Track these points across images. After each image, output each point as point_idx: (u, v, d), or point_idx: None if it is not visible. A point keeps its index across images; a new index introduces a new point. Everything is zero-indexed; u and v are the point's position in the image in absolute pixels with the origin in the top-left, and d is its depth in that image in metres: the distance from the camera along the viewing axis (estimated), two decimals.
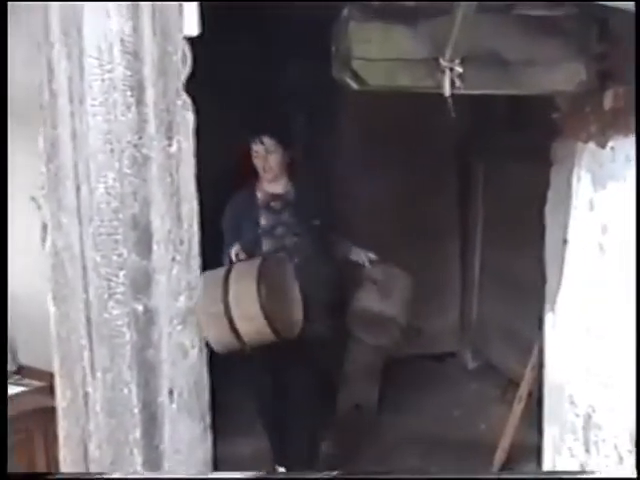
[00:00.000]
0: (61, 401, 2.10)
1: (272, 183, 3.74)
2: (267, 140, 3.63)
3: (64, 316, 2.04)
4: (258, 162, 3.70)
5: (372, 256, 3.90)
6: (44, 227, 2.06)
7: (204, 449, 2.17)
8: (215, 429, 2.18)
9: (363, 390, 4.27)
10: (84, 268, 1.99)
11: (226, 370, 2.91)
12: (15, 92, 3.16)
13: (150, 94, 1.99)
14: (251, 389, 3.72)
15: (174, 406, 2.08)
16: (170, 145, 2.00)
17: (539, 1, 2.25)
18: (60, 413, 2.11)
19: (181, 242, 2.03)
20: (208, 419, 2.16)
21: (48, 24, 2.02)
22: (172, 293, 2.03)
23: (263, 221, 3.85)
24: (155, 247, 2.00)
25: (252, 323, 2.57)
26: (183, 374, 2.08)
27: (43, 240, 2.07)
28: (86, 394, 2.05)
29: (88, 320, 2.00)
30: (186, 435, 2.12)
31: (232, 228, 3.87)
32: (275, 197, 3.87)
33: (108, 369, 2.01)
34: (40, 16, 2.04)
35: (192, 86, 2.04)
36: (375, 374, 4.36)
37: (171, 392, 2.07)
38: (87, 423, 2.06)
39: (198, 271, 2.07)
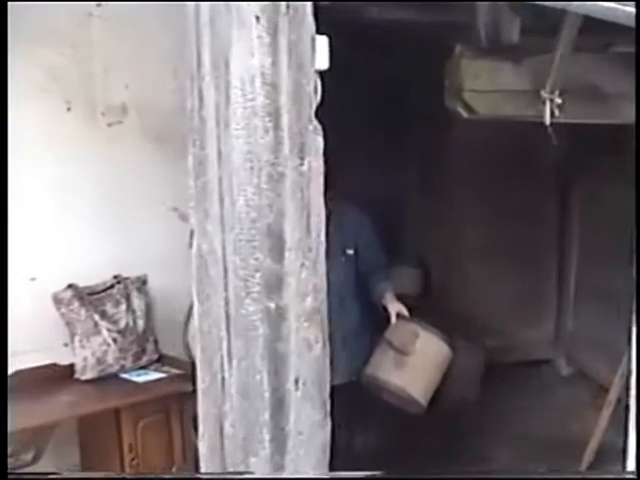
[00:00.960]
0: (201, 384, 2.39)
1: None
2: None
3: (206, 311, 2.34)
4: None
5: (404, 311, 3.65)
6: (191, 234, 2.37)
7: (323, 434, 2.43)
8: (334, 417, 2.45)
9: (464, 392, 4.47)
10: (225, 270, 2.27)
11: None
12: (165, 117, 3.55)
13: (285, 120, 2.26)
14: None
15: (299, 393, 2.33)
16: (302, 164, 2.28)
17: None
18: (200, 395, 2.41)
19: (309, 249, 2.30)
20: (327, 407, 2.42)
21: (200, 59, 2.33)
22: (300, 294, 2.29)
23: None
24: (286, 253, 2.26)
25: None
26: (307, 365, 2.34)
27: (190, 245, 2.38)
28: (223, 379, 2.33)
29: (227, 315, 2.29)
30: (308, 420, 2.37)
31: None
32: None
33: (243, 358, 2.29)
34: (194, 52, 2.36)
35: (321, 113, 2.33)
36: (475, 378, 4.56)
37: (296, 381, 2.32)
38: (223, 404, 2.34)
39: (323, 275, 2.34)
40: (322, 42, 2.34)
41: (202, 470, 2.48)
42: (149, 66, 3.88)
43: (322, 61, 2.35)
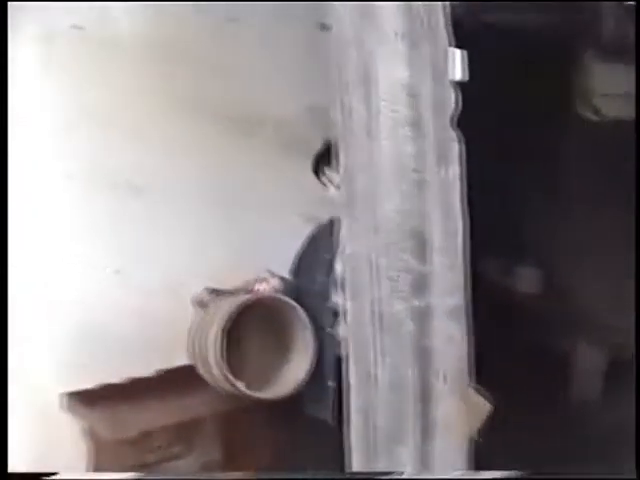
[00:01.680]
0: (353, 379, 2.57)
1: None
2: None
3: (357, 309, 2.51)
4: None
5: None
6: (340, 238, 2.54)
7: None
8: None
9: (586, 391, 4.52)
10: (374, 271, 2.44)
11: None
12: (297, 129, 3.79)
13: (428, 129, 2.42)
14: None
15: (445, 387, 2.49)
16: (444, 171, 2.43)
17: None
18: (352, 389, 2.58)
19: (453, 251, 2.45)
20: None
21: (346, 74, 2.50)
22: (444, 293, 2.45)
23: (338, 267, 3.37)
24: (432, 255, 2.42)
25: None
26: (451, 360, 2.50)
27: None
28: (374, 374, 2.51)
29: (377, 314, 2.46)
30: (453, 411, 2.53)
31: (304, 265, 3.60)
32: None
33: (392, 354, 2.46)
34: (339, 67, 2.52)
35: (461, 122, 2.47)
36: (598, 376, 4.61)
37: (441, 375, 2.48)
38: (374, 397, 2.51)
39: (467, 275, 2.47)
40: (461, 55, 2.49)
41: (353, 462, 2.63)
42: (283, 78, 4.10)
43: (460, 73, 2.49)
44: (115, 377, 3.80)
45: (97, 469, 3.73)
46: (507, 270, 5.69)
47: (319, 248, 3.47)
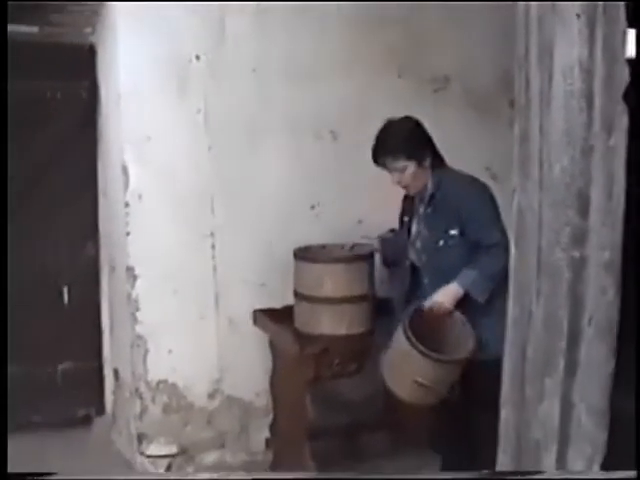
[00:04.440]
0: (511, 315, 2.92)
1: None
2: (392, 162, 3.54)
3: (522, 256, 2.87)
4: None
5: (441, 306, 3.52)
6: (513, 191, 2.91)
7: (608, 366, 2.83)
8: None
9: None
10: (540, 223, 2.79)
11: None
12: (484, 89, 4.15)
13: (597, 102, 2.72)
14: None
15: (591, 330, 2.79)
16: (609, 140, 2.73)
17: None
18: (509, 323, 2.94)
19: (610, 211, 2.74)
20: (614, 344, 2.84)
21: (528, 48, 2.83)
22: (600, 246, 2.75)
23: (413, 228, 3.71)
24: (592, 213, 2.73)
25: None
26: (601, 307, 2.77)
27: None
28: (530, 312, 2.86)
29: (539, 260, 2.81)
30: (596, 353, 2.80)
31: (401, 222, 3.83)
32: (422, 201, 3.66)
33: (549, 296, 2.80)
34: (522, 42, 2.86)
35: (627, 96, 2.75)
36: None
37: (590, 319, 2.78)
38: (528, 331, 2.88)
39: (620, 232, 2.76)
40: (631, 34, 2.76)
41: (502, 389, 2.99)
42: (471, 46, 4.47)
43: (630, 50, 2.76)
44: None
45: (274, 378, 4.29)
46: None
47: (404, 210, 3.80)
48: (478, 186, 3.59)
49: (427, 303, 3.51)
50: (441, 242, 3.54)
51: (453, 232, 3.50)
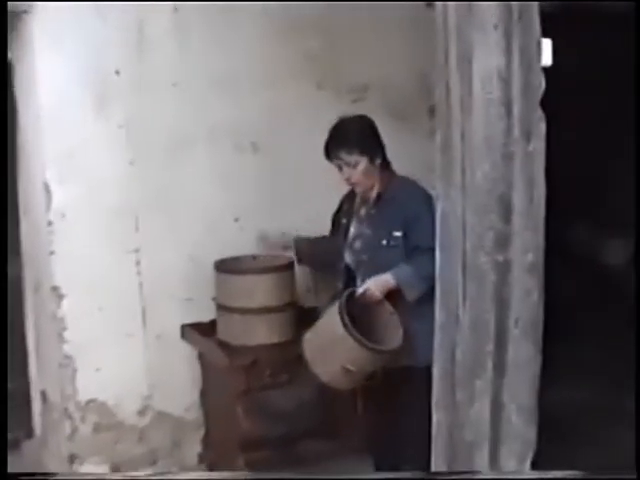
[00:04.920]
0: (438, 320, 2.97)
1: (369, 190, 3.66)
2: (345, 156, 3.55)
3: (446, 263, 2.92)
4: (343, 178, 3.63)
5: (373, 295, 3.53)
6: (436, 198, 2.96)
7: (535, 366, 2.92)
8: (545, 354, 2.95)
9: None
10: (463, 227, 2.84)
11: None
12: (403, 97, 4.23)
13: (516, 109, 2.78)
14: None
15: (517, 331, 2.86)
16: (528, 146, 2.80)
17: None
18: (437, 328, 2.99)
19: (531, 215, 2.82)
20: (540, 344, 2.91)
21: (447, 56, 2.88)
22: (523, 250, 2.82)
23: (352, 229, 3.75)
24: (514, 217, 2.79)
25: None
26: (525, 309, 2.85)
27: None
28: (457, 315, 2.91)
29: (464, 266, 2.86)
30: (523, 353, 2.88)
31: (336, 224, 3.87)
32: (364, 202, 3.73)
33: (475, 299, 2.86)
34: (441, 50, 2.91)
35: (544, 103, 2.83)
36: None
37: (516, 321, 2.85)
38: (455, 335, 2.92)
39: (542, 236, 2.84)
40: (546, 43, 2.85)
41: (434, 392, 3.04)
42: (389, 54, 4.54)
43: (546, 58, 2.85)
44: None
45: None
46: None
47: (341, 211, 3.84)
48: (423, 191, 3.65)
49: (359, 289, 3.53)
50: (384, 242, 3.57)
51: (397, 234, 3.54)
